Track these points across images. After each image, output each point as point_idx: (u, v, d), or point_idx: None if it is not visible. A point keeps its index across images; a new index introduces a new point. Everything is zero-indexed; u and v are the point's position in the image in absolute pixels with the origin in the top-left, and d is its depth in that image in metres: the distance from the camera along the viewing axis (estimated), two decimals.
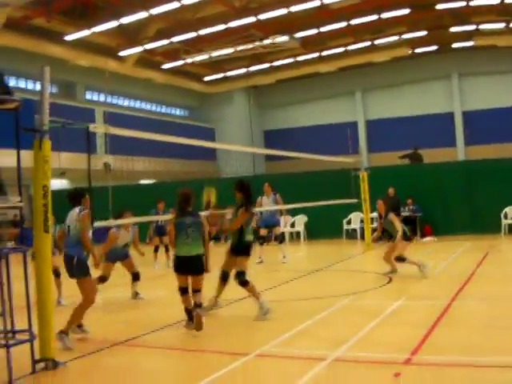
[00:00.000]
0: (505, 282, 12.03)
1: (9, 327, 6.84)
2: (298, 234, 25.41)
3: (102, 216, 9.73)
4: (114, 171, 22.88)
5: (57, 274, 11.20)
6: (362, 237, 22.30)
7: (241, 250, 10.21)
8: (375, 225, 23.70)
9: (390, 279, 12.87)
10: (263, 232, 19.08)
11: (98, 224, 8.99)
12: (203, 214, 10.23)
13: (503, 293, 10.84)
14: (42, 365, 7.09)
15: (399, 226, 13.07)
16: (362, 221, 20.97)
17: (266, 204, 18.92)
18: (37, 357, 7.04)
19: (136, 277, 12.32)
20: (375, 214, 23.13)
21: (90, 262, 8.88)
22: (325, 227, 24.43)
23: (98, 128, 8.16)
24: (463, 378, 6.35)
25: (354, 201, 20.15)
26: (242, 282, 10.04)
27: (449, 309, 9.58)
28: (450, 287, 11.06)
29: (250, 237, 10.18)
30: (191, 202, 9.35)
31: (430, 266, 13.23)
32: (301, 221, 25.09)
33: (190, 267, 9.02)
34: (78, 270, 8.48)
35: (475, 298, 10.45)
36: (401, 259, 13.06)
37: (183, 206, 9.28)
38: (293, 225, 25.49)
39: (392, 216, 13.26)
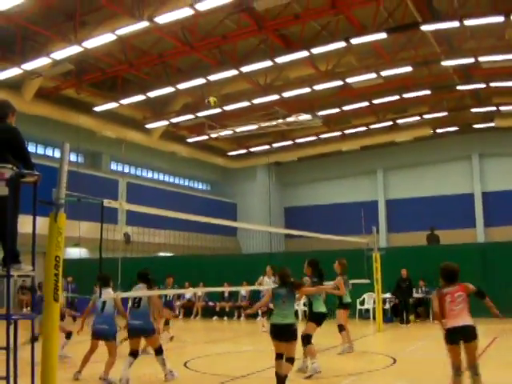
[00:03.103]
0: (508, 369, 11.82)
1: None
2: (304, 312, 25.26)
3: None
4: (133, 243, 23.10)
5: None
6: (374, 317, 22.08)
7: (310, 317, 11.92)
8: (387, 306, 23.68)
9: (394, 360, 12.81)
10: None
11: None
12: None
13: (508, 378, 10.72)
14: None
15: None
16: (374, 301, 20.92)
17: (266, 284, 20.06)
18: None
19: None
20: (388, 295, 23.15)
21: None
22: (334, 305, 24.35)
23: (113, 203, 8.36)
24: None
25: (367, 281, 20.11)
26: (305, 342, 11.57)
27: None
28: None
29: (321, 308, 11.07)
30: (289, 276, 9.95)
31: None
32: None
33: (283, 334, 9.55)
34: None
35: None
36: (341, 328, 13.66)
37: (285, 278, 9.90)
38: (305, 304, 25.38)
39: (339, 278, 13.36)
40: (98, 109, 32.20)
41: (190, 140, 40.05)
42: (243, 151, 44.35)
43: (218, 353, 15.04)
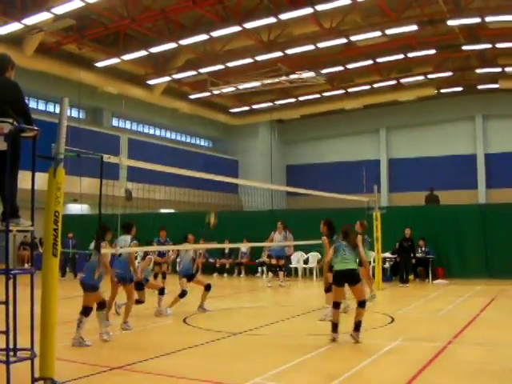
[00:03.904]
0: (505, 329, 11.94)
1: (11, 345, 6.98)
2: (310, 270, 25.48)
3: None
4: (134, 199, 23.05)
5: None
6: (374, 276, 22.09)
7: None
8: (386, 265, 23.77)
9: (392, 319, 12.91)
10: (274, 262, 22.48)
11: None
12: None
13: (501, 339, 10.78)
14: (40, 383, 7.18)
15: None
16: (374, 260, 20.99)
17: (277, 240, 21.32)
18: (36, 375, 7.14)
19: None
20: (388, 254, 23.23)
21: None
22: None
23: (112, 159, 8.31)
24: None
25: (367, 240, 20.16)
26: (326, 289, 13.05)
27: (443, 351, 9.59)
28: (450, 330, 11.06)
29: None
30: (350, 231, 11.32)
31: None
32: (314, 258, 25.10)
33: (348, 278, 10.59)
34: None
35: (472, 342, 10.42)
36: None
37: (345, 234, 11.09)
38: (306, 261, 25.55)
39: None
40: (99, 64, 31.99)
41: (192, 96, 39.88)
42: (246, 108, 44.15)
43: (218, 309, 15.12)
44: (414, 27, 27.66)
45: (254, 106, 43.64)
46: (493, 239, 22.90)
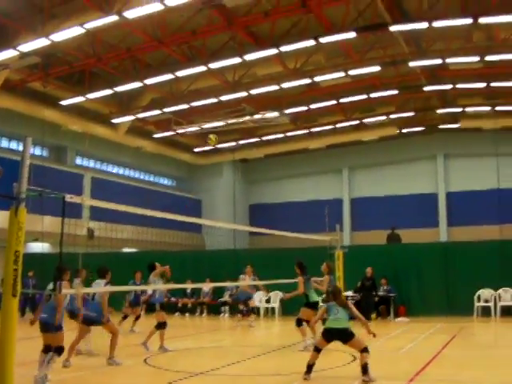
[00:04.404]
0: (466, 366, 12.00)
1: None
2: (273, 309, 25.41)
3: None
4: (97, 238, 22.95)
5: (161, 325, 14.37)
6: None
7: (306, 305, 14.79)
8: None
9: (354, 358, 12.92)
10: (241, 306, 22.47)
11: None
12: None
13: (462, 376, 10.86)
14: None
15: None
16: None
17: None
18: None
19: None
20: (350, 293, 23.33)
21: None
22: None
23: (75, 198, 8.29)
24: None
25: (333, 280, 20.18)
26: (297, 324, 14.55)
27: None
28: (412, 368, 11.00)
29: (315, 298, 12.34)
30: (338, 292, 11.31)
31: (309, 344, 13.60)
32: (276, 297, 25.09)
33: (339, 337, 10.61)
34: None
35: (434, 379, 10.45)
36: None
37: (334, 295, 11.12)
38: (268, 300, 25.50)
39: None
40: (64, 102, 31.83)
41: (156, 135, 39.85)
42: (210, 148, 44.13)
43: (180, 349, 15.00)
44: (377, 68, 28.19)
45: (218, 146, 43.66)
46: (454, 277, 23.19)
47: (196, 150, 44.69)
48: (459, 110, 36.12)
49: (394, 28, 23.31)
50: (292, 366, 10.82)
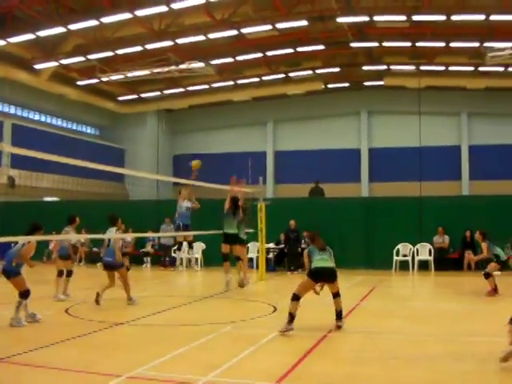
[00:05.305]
0: (382, 317, 12.50)
1: None
2: (195, 260, 25.55)
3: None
4: (18, 186, 22.49)
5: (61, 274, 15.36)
6: (258, 266, 21.96)
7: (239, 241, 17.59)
8: (270, 255, 24.21)
9: (275, 309, 13.15)
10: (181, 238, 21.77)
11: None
12: None
13: (378, 327, 11.32)
14: None
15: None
16: (258, 251, 21.28)
17: (183, 206, 19.74)
18: None
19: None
20: (271, 245, 23.65)
21: None
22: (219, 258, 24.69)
23: None
24: None
25: (251, 231, 20.38)
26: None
27: (324, 340, 9.93)
28: (331, 319, 11.24)
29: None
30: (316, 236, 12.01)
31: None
32: (198, 248, 25.25)
33: (326, 276, 11.04)
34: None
35: (351, 331, 10.75)
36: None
37: (312, 239, 12.11)
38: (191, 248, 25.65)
39: None
40: None
41: (80, 83, 38.96)
42: (134, 96, 43.48)
43: (103, 299, 14.90)
44: (305, 23, 28.18)
45: (143, 95, 43.13)
46: (374, 231, 23.80)
47: (120, 98, 43.98)
48: (384, 67, 36.55)
49: None
50: (210, 315, 10.90)
